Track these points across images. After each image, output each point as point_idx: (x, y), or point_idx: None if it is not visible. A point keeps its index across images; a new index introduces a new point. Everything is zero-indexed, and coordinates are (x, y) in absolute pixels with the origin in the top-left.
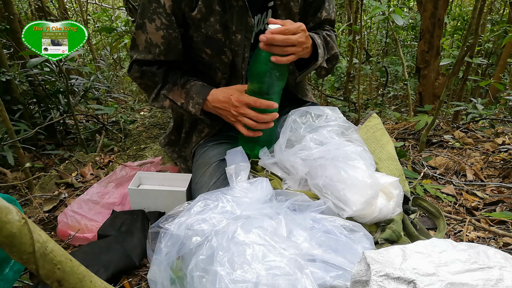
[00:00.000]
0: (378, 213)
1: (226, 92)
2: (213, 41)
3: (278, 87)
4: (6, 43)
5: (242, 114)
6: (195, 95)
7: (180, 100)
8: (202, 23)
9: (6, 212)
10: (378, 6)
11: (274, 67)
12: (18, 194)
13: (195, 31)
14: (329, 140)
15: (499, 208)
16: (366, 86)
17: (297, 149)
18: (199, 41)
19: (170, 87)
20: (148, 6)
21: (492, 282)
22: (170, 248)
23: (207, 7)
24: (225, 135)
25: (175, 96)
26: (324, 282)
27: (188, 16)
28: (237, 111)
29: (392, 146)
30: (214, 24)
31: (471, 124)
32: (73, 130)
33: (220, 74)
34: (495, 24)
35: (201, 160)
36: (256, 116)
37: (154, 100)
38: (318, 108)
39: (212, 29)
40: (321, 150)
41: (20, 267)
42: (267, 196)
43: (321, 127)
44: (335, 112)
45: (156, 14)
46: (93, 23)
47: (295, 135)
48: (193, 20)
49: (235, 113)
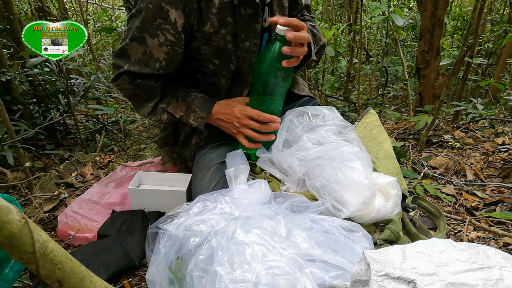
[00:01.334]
0: (376, 213)
1: (229, 105)
2: (223, 52)
3: (282, 88)
4: (6, 43)
5: (245, 126)
6: (198, 109)
7: (179, 113)
8: (213, 36)
9: (6, 212)
10: (378, 6)
11: (280, 67)
12: (18, 194)
13: (205, 44)
14: (326, 140)
15: (499, 208)
16: (366, 86)
17: (294, 150)
18: (208, 53)
19: (169, 100)
20: (151, 21)
21: (492, 282)
22: (168, 249)
23: (219, 20)
24: (225, 136)
25: (174, 109)
26: (324, 282)
27: (198, 30)
28: (240, 123)
29: (389, 143)
30: (225, 35)
31: (471, 124)
32: (73, 130)
33: (224, 80)
34: (495, 24)
35: (201, 163)
36: (259, 127)
37: (151, 114)
38: (315, 108)
39: (223, 41)
40: (319, 150)
41: (20, 267)
42: (266, 198)
43: (318, 127)
44: (332, 112)
45: (160, 30)
46: (93, 23)
47: (292, 136)
48: (203, 34)
49: (237, 125)
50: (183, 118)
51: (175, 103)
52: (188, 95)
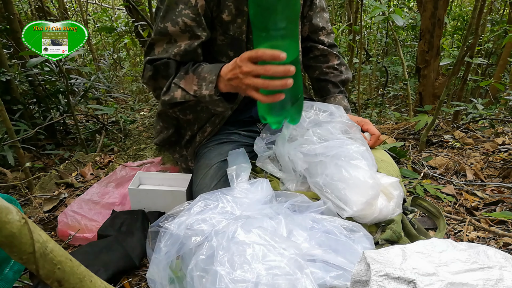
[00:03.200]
0: (378, 213)
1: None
2: (238, 43)
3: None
4: (6, 43)
5: (248, 74)
6: (207, 75)
7: (193, 88)
8: (230, 25)
9: (6, 212)
10: (378, 6)
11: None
12: (18, 194)
13: (222, 34)
14: (333, 136)
15: (499, 208)
16: (366, 86)
17: (299, 143)
18: (224, 44)
19: (182, 74)
20: (174, 7)
21: (492, 282)
22: (169, 248)
23: (237, 8)
24: (227, 134)
25: (187, 85)
26: (324, 282)
27: (217, 18)
28: (242, 72)
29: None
30: (241, 25)
31: (471, 124)
32: (73, 130)
33: None
34: (495, 24)
35: (202, 161)
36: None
37: (165, 94)
38: (323, 104)
39: (239, 31)
40: (324, 146)
41: (20, 267)
42: (267, 197)
43: (326, 122)
44: (339, 110)
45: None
46: (93, 23)
47: (298, 129)
48: (221, 22)
49: (241, 76)
50: (197, 92)
51: (187, 76)
52: (199, 66)
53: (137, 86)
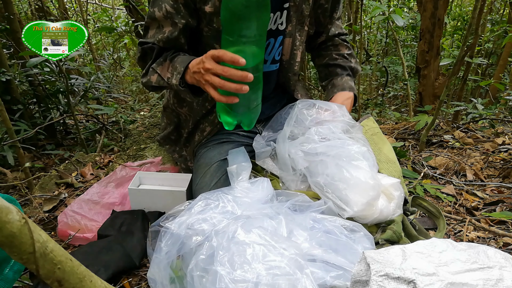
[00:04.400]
0: (379, 214)
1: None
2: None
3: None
4: (6, 43)
5: (207, 70)
6: (179, 65)
7: (167, 75)
8: (214, 18)
9: (6, 212)
10: (378, 6)
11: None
12: (18, 194)
13: (206, 25)
14: (334, 136)
15: (499, 208)
16: (366, 86)
17: (300, 142)
18: (209, 36)
19: (161, 61)
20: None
21: (492, 282)
22: (170, 247)
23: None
24: (227, 134)
25: (163, 71)
26: (324, 282)
27: (200, 9)
28: (204, 68)
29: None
30: None
31: (471, 124)
32: (73, 130)
33: None
34: (495, 24)
35: (202, 160)
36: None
37: (144, 75)
38: (326, 102)
39: None
40: (325, 145)
41: (20, 267)
42: (268, 197)
43: (327, 121)
44: (342, 109)
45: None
46: (93, 23)
47: (299, 127)
48: (205, 14)
49: (203, 72)
50: (169, 80)
51: (165, 63)
52: (177, 55)
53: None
